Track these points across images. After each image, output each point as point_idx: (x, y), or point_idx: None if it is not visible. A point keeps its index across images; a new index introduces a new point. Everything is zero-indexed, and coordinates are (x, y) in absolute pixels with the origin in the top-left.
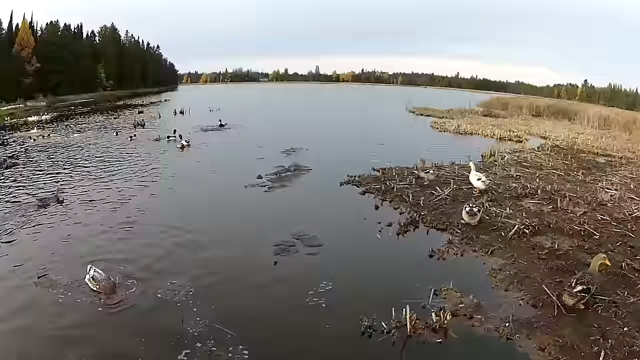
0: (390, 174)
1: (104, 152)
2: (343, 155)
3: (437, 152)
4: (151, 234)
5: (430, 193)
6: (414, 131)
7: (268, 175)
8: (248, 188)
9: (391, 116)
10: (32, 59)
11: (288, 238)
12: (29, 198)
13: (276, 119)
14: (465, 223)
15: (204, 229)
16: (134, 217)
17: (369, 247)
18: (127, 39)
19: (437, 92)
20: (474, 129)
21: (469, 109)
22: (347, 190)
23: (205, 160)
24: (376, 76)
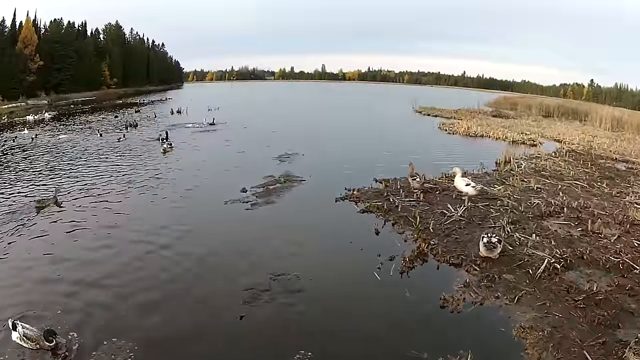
0: (394, 187)
1: (82, 156)
2: (343, 162)
3: (446, 158)
4: (90, 274)
5: (441, 213)
6: (421, 133)
7: (254, 188)
8: (228, 205)
9: (397, 116)
10: (35, 56)
11: (263, 279)
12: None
13: (277, 118)
14: (484, 257)
15: (160, 265)
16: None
17: (363, 292)
18: (132, 36)
19: (444, 91)
20: (485, 131)
21: (478, 109)
22: (344, 208)
23: (186, 167)
24: (382, 75)
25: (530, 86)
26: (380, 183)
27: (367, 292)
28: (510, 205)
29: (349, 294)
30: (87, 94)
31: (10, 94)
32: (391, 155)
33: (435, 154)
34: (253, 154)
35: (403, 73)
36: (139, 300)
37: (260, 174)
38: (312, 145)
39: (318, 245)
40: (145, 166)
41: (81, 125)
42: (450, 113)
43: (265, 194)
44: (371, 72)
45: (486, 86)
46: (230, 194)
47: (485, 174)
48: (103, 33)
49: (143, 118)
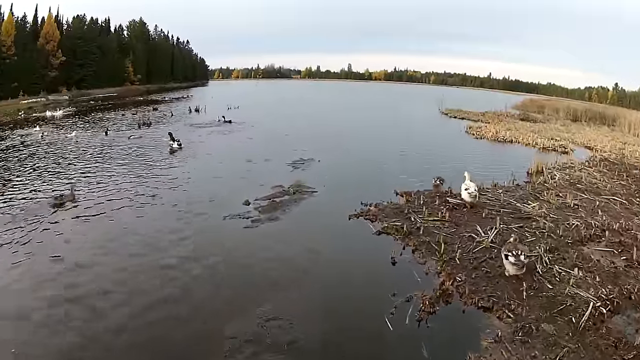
0: (416, 202)
1: (85, 156)
2: (362, 169)
3: (474, 167)
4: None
5: (470, 237)
6: (447, 137)
7: (259, 201)
8: (226, 221)
9: (422, 118)
10: (57, 52)
11: (250, 326)
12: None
13: (299, 118)
14: (510, 275)
15: (136, 305)
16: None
17: (369, 350)
18: (157, 33)
19: (470, 93)
20: (514, 136)
21: (505, 112)
22: (357, 228)
23: (190, 172)
24: (408, 75)
25: (556, 89)
26: (401, 196)
27: (374, 350)
28: (546, 227)
29: (351, 351)
30: (109, 90)
31: (32, 89)
32: (415, 161)
33: (461, 161)
34: (265, 158)
35: (429, 74)
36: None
37: (269, 182)
38: (331, 148)
39: (321, 278)
40: (147, 169)
41: (94, 122)
42: (477, 116)
43: (269, 208)
44: (397, 72)
45: (512, 88)
46: (231, 207)
47: (517, 186)
48: (127, 30)
49: (159, 116)
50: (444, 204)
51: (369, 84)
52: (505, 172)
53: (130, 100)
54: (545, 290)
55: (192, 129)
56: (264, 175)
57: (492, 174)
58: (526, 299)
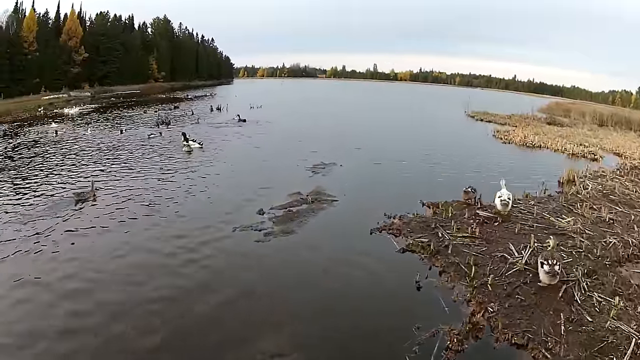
0: (444, 214)
1: (96, 155)
2: (385, 176)
3: (503, 173)
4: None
5: (502, 258)
6: (474, 141)
7: (274, 210)
8: (236, 232)
9: (449, 120)
10: (79, 48)
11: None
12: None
13: (322, 118)
14: (544, 286)
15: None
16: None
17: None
18: (181, 31)
19: (495, 95)
20: (542, 141)
21: (531, 115)
22: (379, 244)
23: (204, 174)
24: (434, 76)
25: (580, 92)
26: (428, 207)
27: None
28: (583, 246)
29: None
30: (132, 87)
31: (54, 85)
32: (442, 167)
33: (490, 167)
34: (285, 162)
35: (454, 75)
36: None
37: (286, 188)
38: (354, 151)
39: (335, 306)
40: (159, 171)
41: (111, 120)
42: (504, 119)
43: (285, 219)
44: (423, 73)
45: (536, 91)
46: (244, 217)
47: (550, 197)
48: (151, 27)
49: (179, 115)
50: (474, 217)
51: (394, 85)
52: (536, 181)
53: (153, 98)
54: (584, 324)
55: (210, 128)
56: (281, 181)
57: (523, 183)
58: (564, 334)
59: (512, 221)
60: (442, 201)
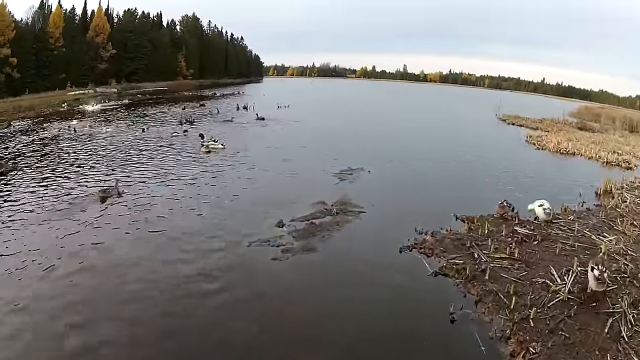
0: (480, 231)
1: (113, 154)
2: (416, 184)
3: (539, 184)
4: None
5: (543, 285)
6: (508, 147)
7: (295, 222)
8: (251, 248)
9: (480, 123)
10: (107, 45)
11: None
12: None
13: (352, 119)
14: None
15: None
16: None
17: None
18: (210, 29)
19: (524, 98)
20: (576, 148)
21: (562, 120)
22: (410, 266)
23: (223, 179)
24: (463, 78)
25: (608, 96)
26: (463, 222)
27: None
28: (628, 270)
29: None
30: (160, 83)
31: (80, 81)
32: (475, 174)
33: (525, 176)
34: (310, 166)
35: (484, 77)
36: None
37: (309, 196)
38: (383, 156)
39: (357, 340)
40: (177, 172)
41: (134, 117)
42: (535, 123)
43: (306, 233)
44: (452, 75)
45: (565, 94)
46: (262, 229)
47: (588, 211)
48: (180, 24)
49: (204, 113)
50: (511, 235)
51: (424, 86)
52: (572, 191)
53: (180, 95)
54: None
55: (234, 127)
56: (305, 188)
57: (559, 194)
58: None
59: (552, 239)
60: (478, 215)
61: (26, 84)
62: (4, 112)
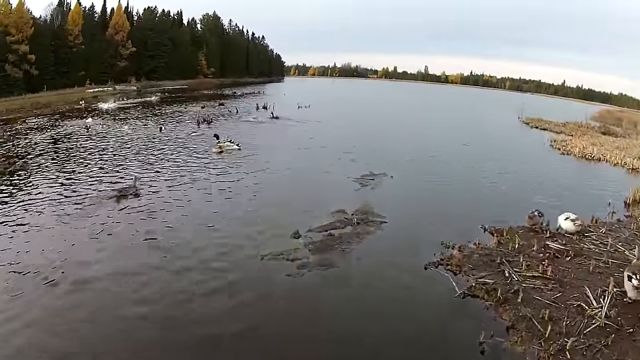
0: (510, 245)
1: (131, 153)
2: (440, 192)
3: (567, 192)
4: None
5: (578, 308)
6: (532, 151)
7: (312, 233)
8: (264, 262)
9: (503, 126)
10: (126, 43)
11: None
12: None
13: (373, 119)
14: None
15: None
16: None
17: None
18: (231, 28)
19: (545, 101)
20: (601, 153)
21: (585, 124)
22: (436, 286)
23: (237, 183)
24: (484, 79)
25: (627, 99)
26: (491, 235)
27: None
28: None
29: None
30: (180, 82)
31: (99, 78)
32: (502, 181)
33: (553, 183)
34: (330, 170)
35: (505, 79)
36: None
37: (328, 205)
38: (405, 159)
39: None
40: (192, 174)
41: (152, 116)
42: (559, 126)
43: (324, 245)
44: (473, 77)
45: (585, 97)
46: (276, 240)
47: (619, 222)
48: (200, 23)
49: (223, 113)
50: (543, 250)
51: (445, 87)
52: (601, 200)
53: (200, 94)
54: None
55: (252, 127)
56: (324, 194)
57: (588, 203)
58: None
59: (584, 255)
60: (507, 227)
61: (44, 81)
62: (20, 109)
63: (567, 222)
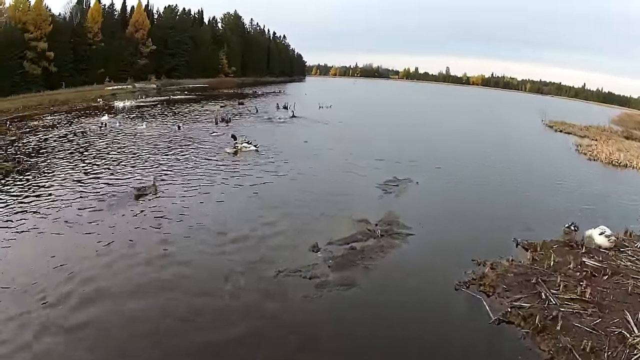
0: (546, 263)
1: (147, 151)
2: (468, 202)
3: (597, 201)
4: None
5: (619, 336)
6: (559, 156)
7: (332, 246)
8: (280, 279)
9: (527, 129)
10: (147, 41)
11: None
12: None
13: (396, 120)
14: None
15: None
16: None
17: None
18: (252, 27)
19: (566, 104)
20: (627, 160)
21: (607, 128)
22: (467, 309)
23: (254, 185)
24: (505, 81)
25: None
26: (524, 250)
27: None
28: None
29: None
30: (201, 80)
31: (119, 76)
32: (530, 187)
33: (582, 192)
34: (352, 174)
35: (525, 81)
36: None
37: (350, 213)
38: (430, 163)
39: None
40: (207, 176)
41: (171, 114)
42: (582, 130)
43: (345, 261)
44: (494, 78)
45: (605, 100)
46: (293, 253)
47: None
48: (221, 22)
49: (242, 112)
50: (579, 267)
51: (466, 88)
52: (632, 210)
53: (220, 93)
54: None
55: (271, 127)
56: (345, 202)
57: (620, 214)
58: None
59: (621, 273)
60: (540, 241)
61: (63, 78)
62: (37, 106)
63: (602, 237)
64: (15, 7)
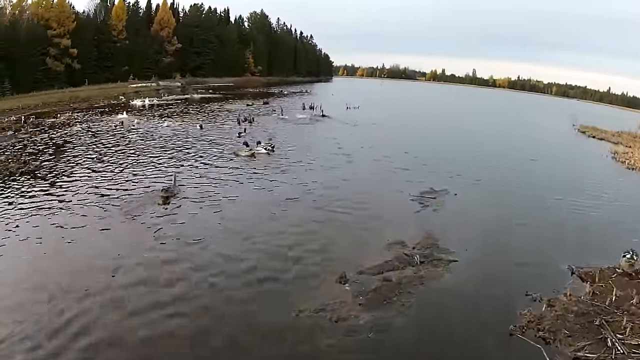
0: (607, 298)
1: (169, 150)
2: (512, 220)
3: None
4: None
5: None
6: (596, 164)
7: (363, 276)
8: (299, 322)
9: (560, 136)
10: (172, 39)
11: None
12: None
13: (426, 122)
14: None
15: None
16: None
17: None
18: (279, 26)
19: (592, 107)
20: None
21: (638, 133)
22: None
23: (274, 196)
24: (531, 84)
25: None
26: (582, 280)
27: None
28: None
29: None
30: (226, 79)
31: (143, 73)
32: (575, 204)
33: (629, 205)
34: (382, 183)
35: (551, 84)
36: None
37: (382, 233)
38: (467, 171)
39: None
40: (228, 179)
41: (194, 113)
42: (615, 136)
43: (379, 296)
44: (520, 81)
45: (630, 104)
46: (315, 287)
47: None
48: (247, 21)
49: (267, 112)
50: None
51: (492, 91)
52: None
53: (245, 92)
54: None
55: (294, 129)
56: (376, 217)
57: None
58: None
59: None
60: (597, 269)
61: (87, 75)
62: (57, 102)
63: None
64: (38, 4)
